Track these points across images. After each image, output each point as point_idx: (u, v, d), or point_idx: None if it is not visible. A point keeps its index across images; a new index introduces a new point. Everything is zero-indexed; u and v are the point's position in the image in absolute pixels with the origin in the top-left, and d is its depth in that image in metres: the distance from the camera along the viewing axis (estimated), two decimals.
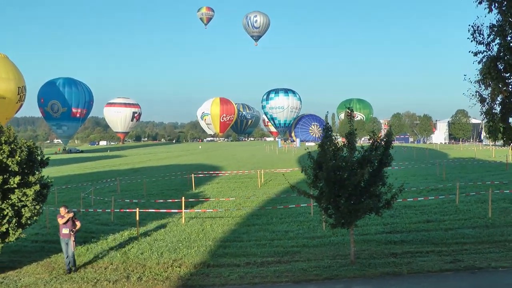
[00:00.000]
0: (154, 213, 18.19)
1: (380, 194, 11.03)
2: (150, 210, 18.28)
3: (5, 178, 10.86)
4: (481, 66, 11.09)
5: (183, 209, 17.80)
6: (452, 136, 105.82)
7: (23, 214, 11.17)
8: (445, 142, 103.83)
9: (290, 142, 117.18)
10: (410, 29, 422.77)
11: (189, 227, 16.40)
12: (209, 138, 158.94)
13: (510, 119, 11.49)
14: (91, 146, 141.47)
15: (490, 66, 10.75)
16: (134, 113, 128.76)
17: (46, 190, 12.25)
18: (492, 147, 57.34)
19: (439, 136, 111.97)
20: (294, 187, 11.73)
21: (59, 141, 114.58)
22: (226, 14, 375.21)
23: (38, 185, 11.52)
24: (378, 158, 10.91)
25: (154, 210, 18.40)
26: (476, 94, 11.55)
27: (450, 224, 15.08)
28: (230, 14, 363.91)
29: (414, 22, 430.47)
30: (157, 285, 10.62)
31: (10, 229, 10.99)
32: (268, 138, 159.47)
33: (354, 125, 11.43)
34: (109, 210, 19.01)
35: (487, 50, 11.07)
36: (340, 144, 11.33)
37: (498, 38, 10.78)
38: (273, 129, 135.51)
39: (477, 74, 11.31)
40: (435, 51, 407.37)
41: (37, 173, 11.86)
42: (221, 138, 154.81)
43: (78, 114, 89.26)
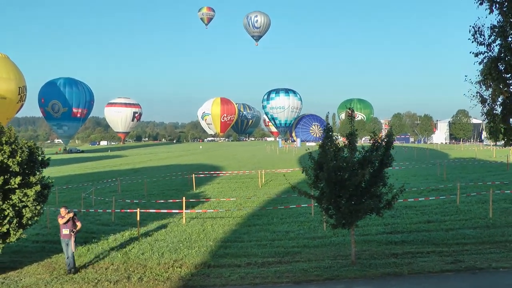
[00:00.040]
0: (155, 213, 18.20)
1: (381, 195, 11.03)
2: (151, 211, 18.30)
3: (6, 178, 10.88)
4: (482, 67, 11.09)
5: (184, 209, 17.81)
6: (452, 136, 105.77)
7: (24, 214, 11.19)
8: (445, 142, 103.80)
9: (290, 142, 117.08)
10: (410, 29, 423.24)
11: (190, 228, 16.41)
12: (209, 138, 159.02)
13: (511, 120, 11.49)
14: (92, 146, 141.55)
15: (491, 67, 10.75)
16: (134, 113, 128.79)
17: (47, 191, 12.28)
18: (492, 147, 57.26)
19: (440, 136, 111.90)
20: (295, 188, 11.73)
21: (60, 141, 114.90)
22: (226, 14, 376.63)
23: (39, 185, 11.54)
24: (379, 158, 10.92)
25: (155, 210, 18.41)
26: (477, 95, 11.55)
27: (451, 224, 15.07)
28: (230, 14, 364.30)
29: (414, 22, 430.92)
30: (158, 285, 10.63)
31: (11, 229, 11.00)
32: (268, 138, 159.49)
33: (355, 125, 11.44)
34: (110, 211, 19.03)
35: (488, 51, 11.07)
36: (340, 144, 11.34)
37: (499, 39, 10.79)
38: (273, 129, 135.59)
39: (478, 75, 11.32)
40: (435, 51, 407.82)
41: (38, 173, 11.88)
42: (221, 138, 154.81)
43: (78, 114, 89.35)
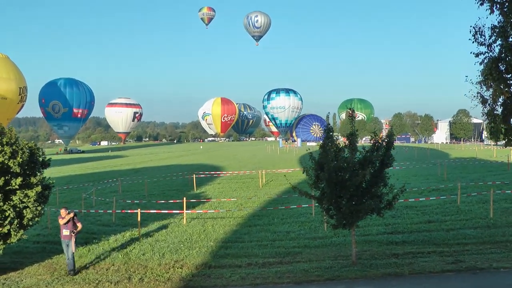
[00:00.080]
0: (155, 213, 18.20)
1: (381, 195, 11.03)
2: (151, 211, 18.30)
3: (6, 179, 10.89)
4: (482, 67, 11.08)
5: (185, 209, 17.81)
6: (453, 136, 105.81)
7: (25, 215, 11.20)
8: (446, 142, 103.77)
9: (291, 142, 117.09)
10: (410, 29, 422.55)
11: (190, 228, 16.41)
12: (210, 138, 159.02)
13: None
14: (92, 147, 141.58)
15: (492, 67, 10.74)
16: (135, 113, 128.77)
17: (47, 191, 12.28)
18: (493, 147, 57.24)
19: (440, 136, 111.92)
20: (295, 188, 11.74)
21: (60, 141, 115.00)
22: (227, 14, 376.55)
23: (40, 186, 11.55)
24: (379, 159, 10.92)
25: (155, 210, 18.41)
26: (477, 95, 11.53)
27: (452, 224, 15.06)
28: (231, 14, 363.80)
29: (414, 22, 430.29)
30: (158, 286, 10.64)
31: (11, 230, 11.01)
32: (269, 138, 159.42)
33: (355, 125, 11.44)
34: (110, 211, 19.04)
35: (489, 51, 11.05)
36: (341, 144, 11.34)
37: (500, 39, 10.78)
38: (274, 129, 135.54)
39: (478, 76, 11.30)
40: (435, 51, 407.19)
41: (38, 174, 11.88)
42: (222, 138, 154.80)
43: (79, 115, 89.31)
